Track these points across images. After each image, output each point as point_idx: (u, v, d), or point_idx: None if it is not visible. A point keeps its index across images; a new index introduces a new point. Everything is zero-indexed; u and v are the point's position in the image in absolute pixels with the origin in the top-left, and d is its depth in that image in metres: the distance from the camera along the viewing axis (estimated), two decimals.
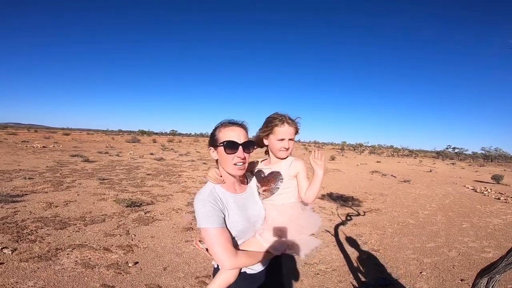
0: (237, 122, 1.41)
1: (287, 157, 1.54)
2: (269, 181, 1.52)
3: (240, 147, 1.33)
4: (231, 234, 1.33)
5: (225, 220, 1.33)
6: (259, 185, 1.54)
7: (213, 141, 1.39)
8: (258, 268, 1.45)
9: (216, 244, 1.25)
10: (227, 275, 1.35)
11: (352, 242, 4.77)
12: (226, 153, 1.32)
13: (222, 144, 1.33)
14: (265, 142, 1.55)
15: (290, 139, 1.50)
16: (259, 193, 1.54)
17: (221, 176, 1.40)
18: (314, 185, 1.49)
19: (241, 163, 1.34)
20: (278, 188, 1.50)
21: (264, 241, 1.39)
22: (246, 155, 1.35)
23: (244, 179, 1.53)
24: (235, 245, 1.38)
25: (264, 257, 1.38)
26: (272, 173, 1.53)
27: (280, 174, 1.51)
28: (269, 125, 1.51)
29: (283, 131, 1.48)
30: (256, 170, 1.60)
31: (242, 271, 1.43)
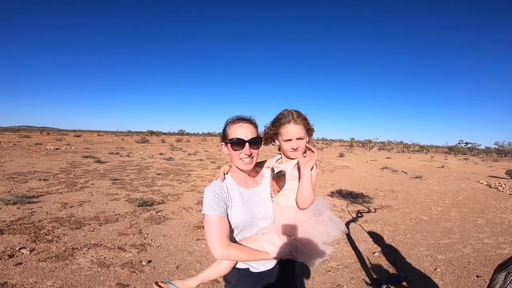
0: (245, 118, 1.43)
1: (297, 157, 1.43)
2: (276, 180, 1.47)
3: (247, 143, 1.35)
4: (231, 226, 1.38)
5: (227, 211, 1.38)
6: (271, 183, 1.51)
7: (223, 137, 1.44)
8: (263, 267, 1.43)
9: (210, 230, 1.31)
10: (221, 266, 1.40)
11: (363, 239, 4.74)
12: (233, 149, 1.37)
13: (230, 141, 1.37)
14: (276, 141, 1.50)
15: (298, 138, 1.39)
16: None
17: (225, 174, 1.48)
18: (300, 190, 1.35)
19: (248, 159, 1.38)
20: (282, 188, 1.43)
21: (264, 241, 1.36)
22: (253, 151, 1.38)
23: (255, 175, 1.53)
24: (233, 236, 1.42)
25: (261, 257, 1.36)
26: (280, 172, 1.47)
27: (285, 174, 1.44)
28: (276, 124, 1.43)
29: (289, 131, 1.39)
30: (271, 168, 1.55)
31: (244, 267, 1.42)
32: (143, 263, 3.45)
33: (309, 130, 1.45)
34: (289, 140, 1.40)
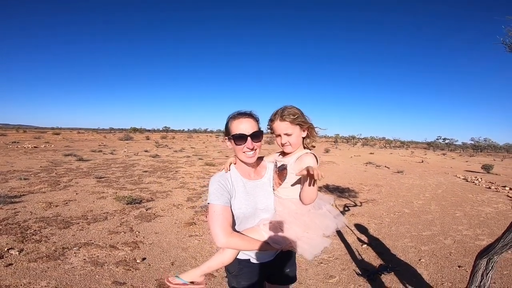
0: (245, 112, 1.48)
1: (292, 151, 1.51)
2: (278, 174, 1.54)
3: (249, 138, 1.41)
4: (234, 216, 1.44)
5: (231, 201, 1.44)
6: (273, 176, 1.57)
7: (226, 133, 1.50)
8: (263, 258, 1.50)
9: (214, 219, 1.37)
10: (224, 256, 1.45)
11: (351, 231, 4.91)
12: (236, 144, 1.43)
13: (232, 137, 1.44)
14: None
15: (286, 134, 1.46)
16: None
17: (230, 165, 1.56)
18: (305, 193, 1.39)
19: (251, 152, 1.44)
20: (284, 181, 1.49)
21: (265, 232, 1.42)
22: (255, 144, 1.44)
23: (258, 167, 1.59)
24: (235, 226, 1.48)
25: (262, 247, 1.40)
26: (282, 165, 1.53)
27: (286, 168, 1.50)
28: (268, 122, 1.53)
29: (277, 127, 1.48)
30: (274, 162, 1.61)
31: (245, 258, 1.49)
32: (138, 261, 3.44)
33: (301, 126, 1.49)
34: (279, 135, 1.49)
